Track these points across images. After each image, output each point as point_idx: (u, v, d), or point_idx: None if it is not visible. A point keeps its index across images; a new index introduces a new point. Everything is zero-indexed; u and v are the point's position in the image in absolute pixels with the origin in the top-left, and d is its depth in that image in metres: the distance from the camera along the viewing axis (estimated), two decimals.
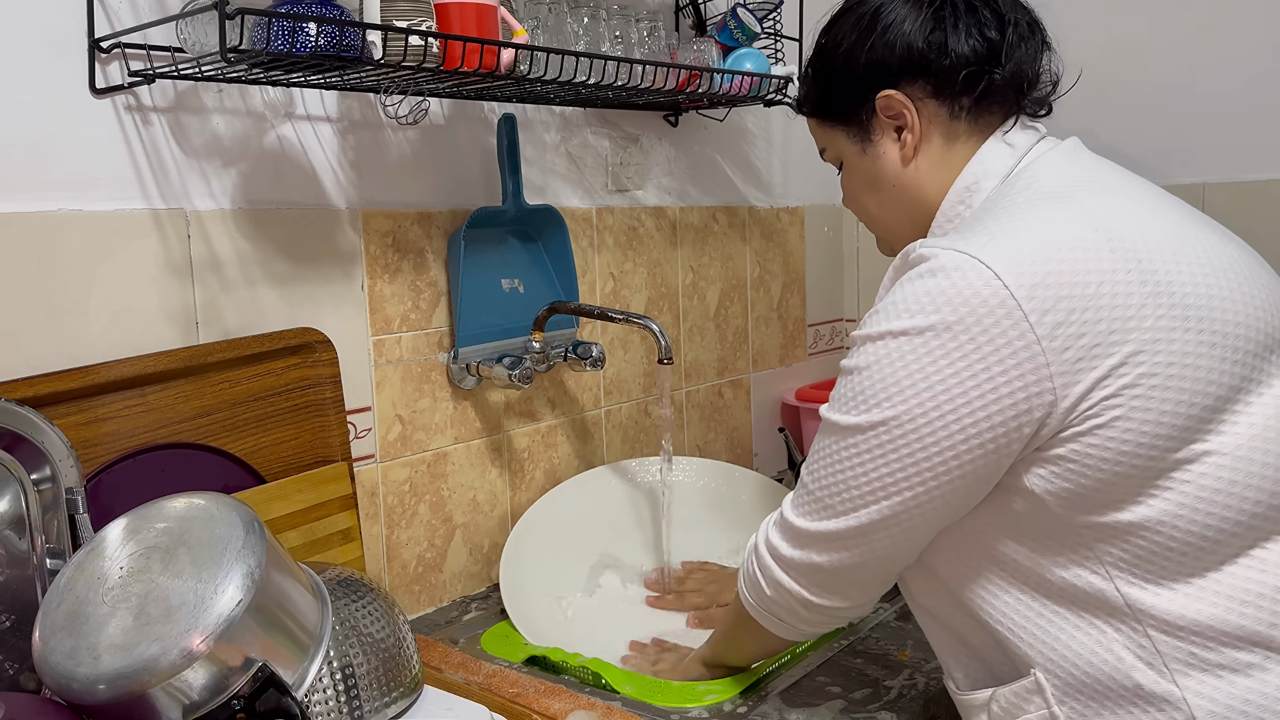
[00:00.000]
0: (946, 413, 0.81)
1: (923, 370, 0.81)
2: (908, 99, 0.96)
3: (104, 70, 1.08)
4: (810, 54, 1.07)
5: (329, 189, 1.28)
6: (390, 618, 0.99)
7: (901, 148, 0.98)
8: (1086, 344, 0.79)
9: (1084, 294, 0.79)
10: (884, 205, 1.03)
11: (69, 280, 1.06)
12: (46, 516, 0.94)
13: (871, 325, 0.86)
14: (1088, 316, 0.79)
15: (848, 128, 1.02)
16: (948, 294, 0.80)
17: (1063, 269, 0.80)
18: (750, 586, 1.01)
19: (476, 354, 1.43)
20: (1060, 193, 0.87)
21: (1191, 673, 0.81)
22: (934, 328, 0.81)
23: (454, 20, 1.13)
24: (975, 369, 0.79)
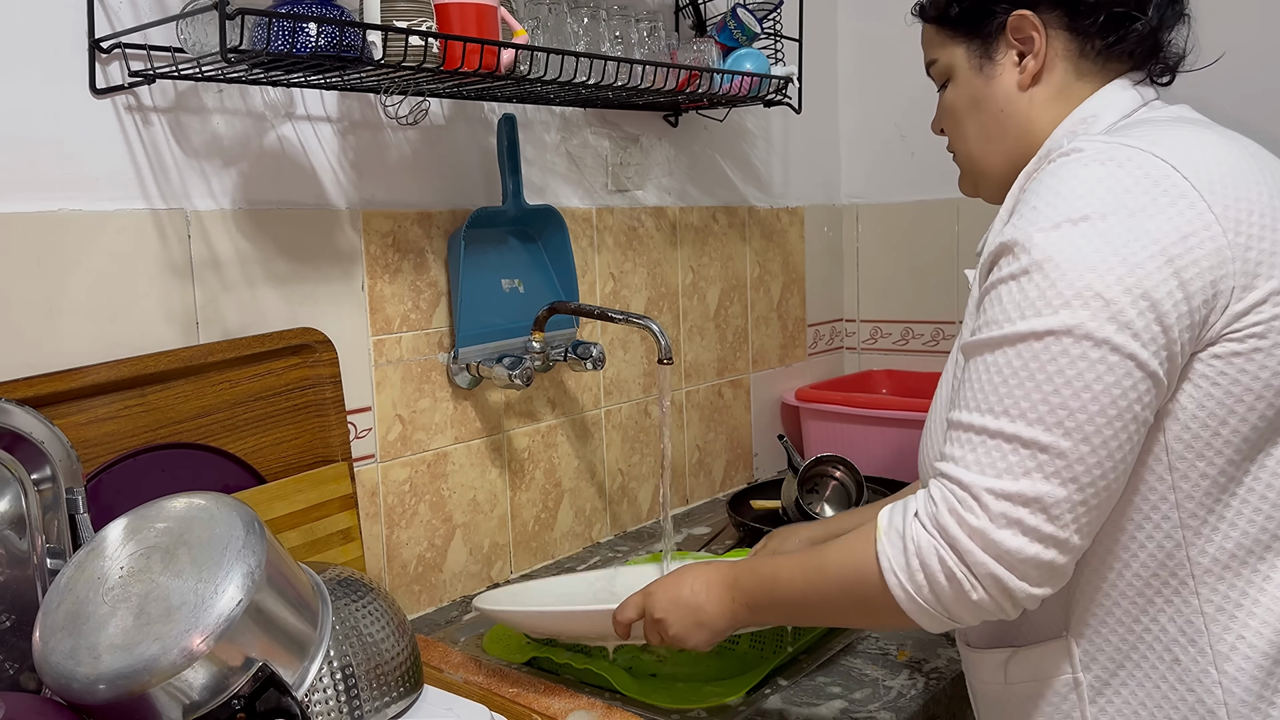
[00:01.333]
0: (1154, 299, 0.72)
1: (1116, 254, 0.73)
2: (1041, 24, 0.91)
3: (104, 70, 1.08)
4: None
5: (329, 189, 1.29)
6: (390, 618, 0.99)
7: (1021, 72, 0.93)
8: (1265, 250, 0.75)
9: (1251, 208, 0.76)
10: (984, 131, 0.97)
11: (69, 280, 1.06)
12: (46, 516, 0.94)
13: (1034, 219, 0.76)
14: (1255, 230, 0.75)
15: (969, 40, 0.96)
16: (1125, 181, 0.75)
17: (1235, 179, 0.77)
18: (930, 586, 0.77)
19: (476, 354, 1.43)
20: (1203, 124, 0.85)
21: (1234, 658, 0.78)
22: (1116, 211, 0.74)
23: (454, 20, 1.13)
24: (1169, 252, 0.73)
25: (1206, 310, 0.74)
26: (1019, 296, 0.75)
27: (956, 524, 0.75)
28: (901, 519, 0.80)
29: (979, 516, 0.74)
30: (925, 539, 0.77)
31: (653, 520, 1.78)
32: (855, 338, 2.25)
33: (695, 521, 1.77)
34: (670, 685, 1.16)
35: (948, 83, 1.00)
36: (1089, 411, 0.73)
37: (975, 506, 0.75)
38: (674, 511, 1.83)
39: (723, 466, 1.94)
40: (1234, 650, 0.79)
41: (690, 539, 1.68)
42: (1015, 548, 0.74)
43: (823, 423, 1.96)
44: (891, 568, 0.79)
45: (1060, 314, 0.73)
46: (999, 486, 0.74)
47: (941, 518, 0.76)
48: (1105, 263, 0.73)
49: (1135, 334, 0.73)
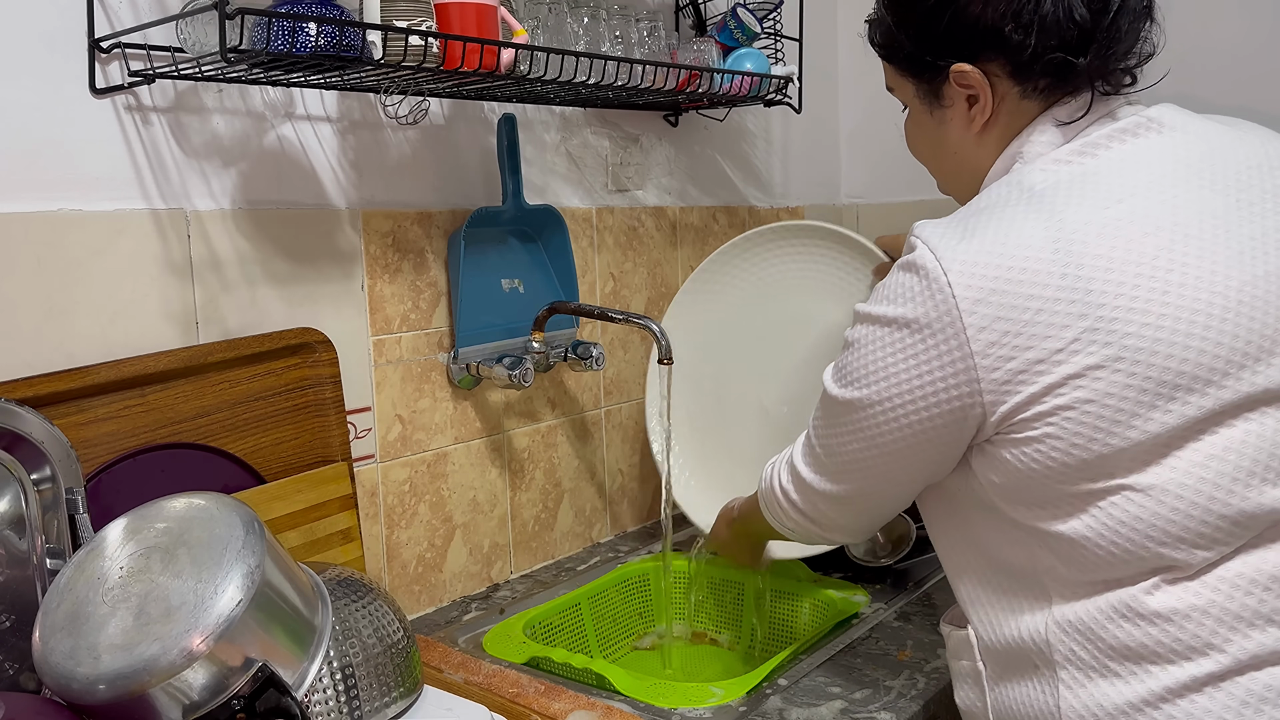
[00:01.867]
0: (896, 404, 0.87)
1: (882, 360, 0.87)
2: (985, 76, 0.92)
3: (104, 70, 1.08)
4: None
5: (329, 189, 1.28)
6: (390, 618, 0.99)
7: (970, 121, 0.95)
8: (1014, 368, 0.82)
9: (1021, 318, 0.81)
10: (942, 167, 1.04)
11: (69, 280, 1.06)
12: (46, 516, 0.94)
13: (868, 304, 0.90)
14: (1019, 343, 0.81)
15: (917, 83, 0.99)
16: (912, 292, 0.85)
17: (1009, 288, 0.81)
18: (768, 507, 1.10)
19: (476, 354, 1.43)
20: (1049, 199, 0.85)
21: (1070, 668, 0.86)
22: (897, 322, 0.86)
23: (454, 20, 1.13)
24: (922, 369, 0.85)
25: (955, 416, 0.86)
26: (841, 361, 0.93)
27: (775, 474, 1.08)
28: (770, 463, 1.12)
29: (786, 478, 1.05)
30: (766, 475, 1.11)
31: (653, 520, 1.78)
32: None
33: None
34: (670, 685, 1.16)
35: (905, 109, 1.05)
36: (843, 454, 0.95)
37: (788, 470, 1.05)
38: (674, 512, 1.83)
39: None
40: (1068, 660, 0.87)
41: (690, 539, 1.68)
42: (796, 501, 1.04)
43: None
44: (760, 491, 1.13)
45: (848, 390, 0.91)
46: (799, 466, 1.03)
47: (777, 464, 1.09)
48: (874, 367, 0.88)
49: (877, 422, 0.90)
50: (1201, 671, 0.81)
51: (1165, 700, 0.82)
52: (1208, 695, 0.81)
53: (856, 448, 0.93)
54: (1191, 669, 0.82)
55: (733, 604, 1.50)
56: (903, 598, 1.40)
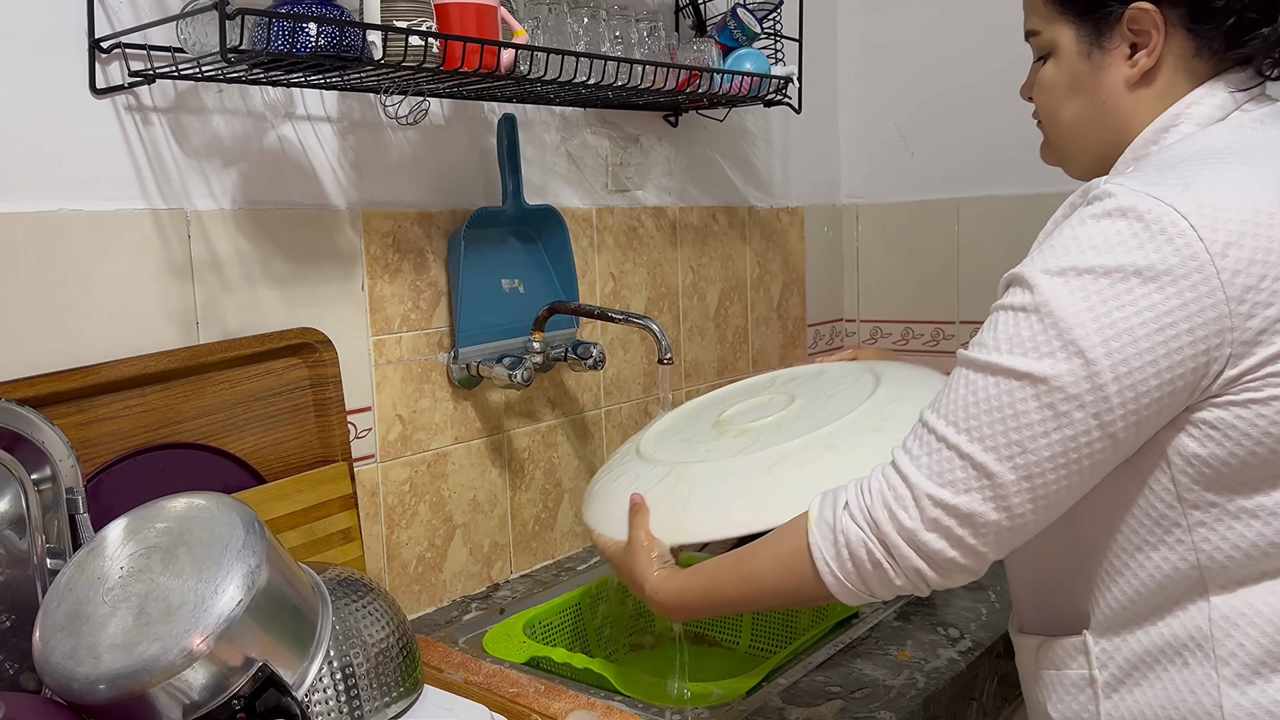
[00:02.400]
0: (1135, 369, 0.75)
1: (1110, 316, 0.75)
2: (1162, 20, 0.86)
3: (104, 70, 1.08)
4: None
5: (329, 189, 1.29)
6: (390, 618, 0.99)
7: (1131, 67, 0.89)
8: (1272, 315, 0.75)
9: (1276, 261, 0.75)
10: (1080, 118, 0.94)
11: (69, 280, 1.06)
12: (46, 516, 0.94)
13: (1048, 259, 0.79)
14: (1277, 287, 0.75)
15: (1081, 23, 0.91)
16: (1140, 237, 0.76)
17: (1259, 231, 0.75)
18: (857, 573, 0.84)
19: (476, 354, 1.43)
20: (1258, 156, 0.81)
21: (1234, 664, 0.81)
22: (1123, 270, 0.75)
23: (454, 20, 1.13)
24: (1164, 323, 0.75)
25: (1197, 376, 0.76)
26: (1014, 331, 0.79)
27: (889, 520, 0.82)
28: (832, 512, 0.86)
29: (912, 518, 0.81)
30: (855, 532, 0.83)
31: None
32: (855, 338, 2.25)
33: None
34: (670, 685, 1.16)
35: (1046, 56, 0.96)
36: (1039, 455, 0.78)
37: (912, 507, 0.81)
38: None
39: None
40: (1233, 656, 0.81)
41: None
42: (938, 550, 0.80)
43: None
44: (824, 558, 0.85)
45: (1044, 361, 0.77)
46: (940, 495, 0.80)
47: (875, 511, 0.83)
48: (1097, 322, 0.76)
49: (1105, 397, 0.76)
50: None
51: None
52: None
53: (1066, 436, 0.77)
54: None
55: None
56: (903, 597, 1.40)
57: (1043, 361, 0.77)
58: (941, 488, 0.79)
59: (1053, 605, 0.93)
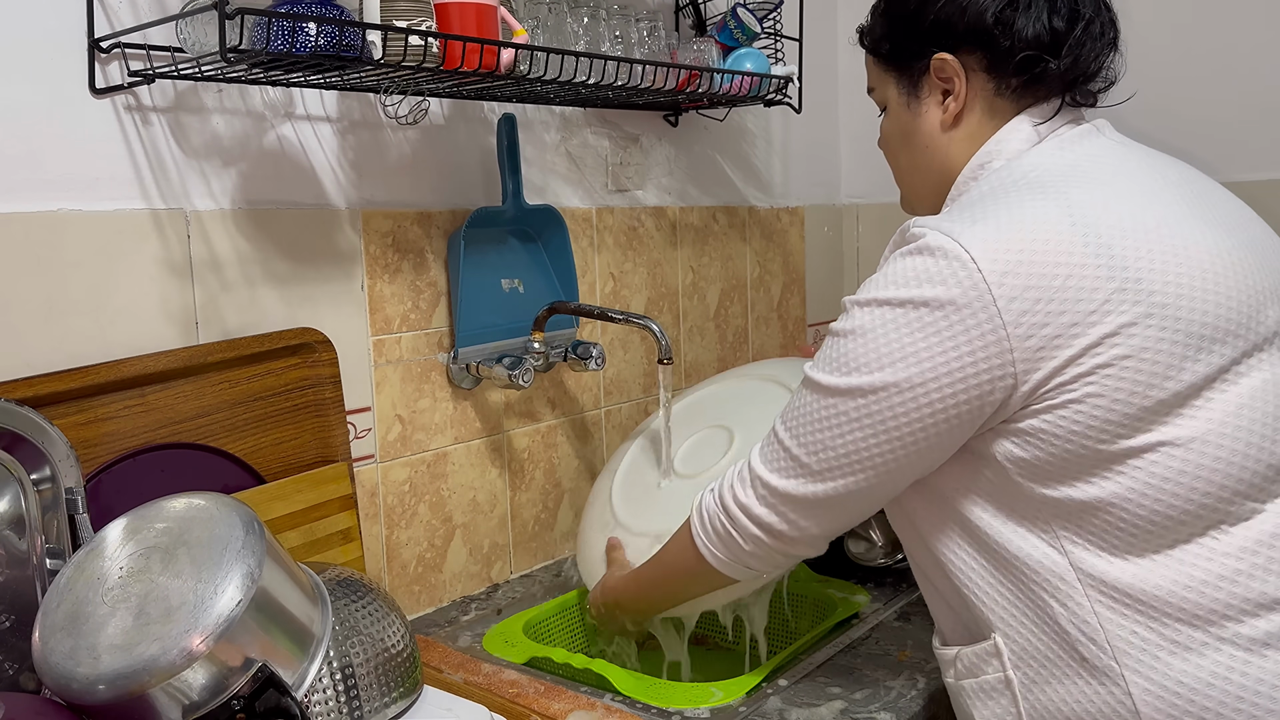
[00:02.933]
0: (917, 385, 0.86)
1: (900, 341, 0.86)
2: (961, 67, 0.97)
3: (104, 70, 1.08)
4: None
5: (329, 189, 1.28)
6: (390, 618, 0.99)
7: (943, 112, 1.00)
8: (1049, 334, 0.83)
9: (1050, 285, 0.83)
10: (913, 163, 1.05)
11: (69, 280, 1.06)
12: (46, 516, 0.94)
13: (864, 292, 0.91)
14: (1052, 308, 0.83)
15: (899, 76, 1.03)
16: (931, 273, 0.85)
17: (1034, 259, 0.83)
18: (719, 542, 1.04)
19: (476, 354, 1.43)
20: (1049, 183, 0.90)
21: (1132, 651, 0.85)
22: (913, 301, 0.86)
23: (454, 20, 1.13)
24: (946, 346, 0.85)
25: (983, 392, 0.85)
26: (833, 353, 0.92)
27: (732, 497, 1.01)
28: (699, 497, 1.07)
29: (747, 495, 1.00)
30: (711, 507, 1.05)
31: None
32: None
33: None
34: (670, 685, 1.16)
35: (883, 111, 1.08)
36: (837, 451, 0.92)
37: (749, 486, 1.00)
38: None
39: None
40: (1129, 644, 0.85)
41: None
42: (770, 521, 0.98)
43: None
44: (696, 532, 1.06)
45: (848, 377, 0.90)
46: (767, 478, 0.98)
47: (724, 491, 1.03)
48: (889, 346, 0.87)
49: (891, 407, 0.88)
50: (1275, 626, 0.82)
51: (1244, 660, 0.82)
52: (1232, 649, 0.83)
53: (857, 439, 0.90)
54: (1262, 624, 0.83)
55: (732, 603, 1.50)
56: (903, 598, 1.40)
57: (848, 377, 0.90)
58: (770, 473, 0.97)
59: (960, 617, 0.98)
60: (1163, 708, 0.84)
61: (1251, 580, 0.83)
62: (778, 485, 0.96)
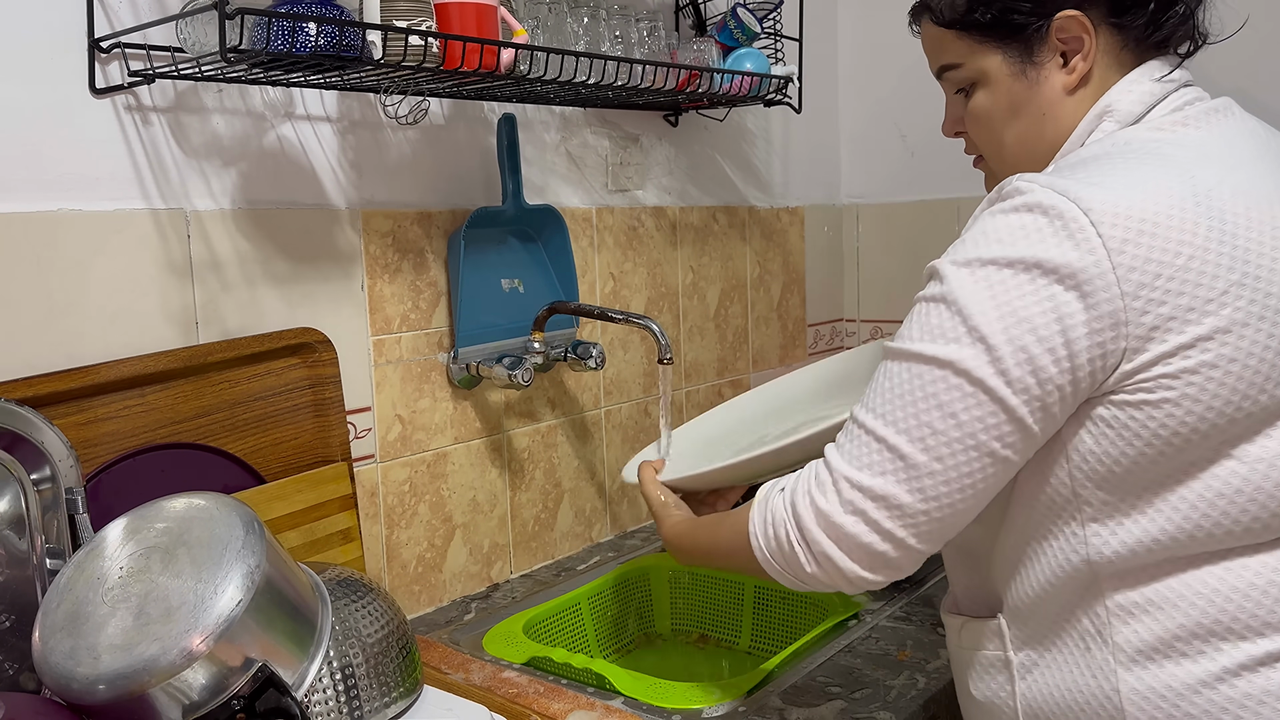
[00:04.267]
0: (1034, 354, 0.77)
1: (1010, 304, 0.78)
2: (1090, 23, 0.88)
3: (104, 70, 1.08)
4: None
5: (329, 189, 1.28)
6: (390, 618, 0.99)
7: (1069, 74, 0.90)
8: (1165, 313, 0.76)
9: (1173, 262, 0.76)
10: (1024, 137, 0.94)
11: (69, 280, 1.06)
12: (46, 516, 0.94)
13: (958, 252, 0.82)
14: (1171, 286, 0.76)
15: (1006, 45, 0.92)
16: (1043, 231, 0.78)
17: (1157, 230, 0.77)
18: (779, 555, 0.88)
19: (476, 354, 1.43)
20: (1172, 156, 0.83)
21: (1129, 649, 0.84)
22: (1023, 262, 0.78)
23: (454, 20, 1.13)
24: (1060, 312, 0.77)
25: (1092, 367, 0.78)
26: (926, 320, 0.82)
27: (808, 503, 0.85)
28: (769, 492, 0.92)
29: (829, 500, 0.83)
30: (780, 512, 0.88)
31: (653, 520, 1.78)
32: (855, 338, 2.25)
33: None
34: (670, 685, 1.16)
35: (971, 88, 0.96)
36: (949, 436, 0.80)
37: (831, 490, 0.84)
38: None
39: None
40: (1128, 643, 0.84)
41: None
42: (854, 533, 0.82)
43: None
44: (755, 532, 0.91)
45: (950, 347, 0.79)
46: (856, 477, 0.82)
47: (797, 496, 0.86)
48: (998, 310, 0.78)
49: (1009, 382, 0.78)
50: (1275, 647, 0.80)
51: (1232, 676, 0.81)
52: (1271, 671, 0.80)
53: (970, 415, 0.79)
54: (1265, 645, 0.81)
55: (733, 604, 1.50)
56: (903, 597, 1.40)
57: (949, 346, 0.79)
58: (858, 470, 0.82)
59: (977, 587, 0.96)
60: (1147, 709, 0.83)
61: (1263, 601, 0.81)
62: (871, 484, 0.81)
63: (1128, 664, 0.84)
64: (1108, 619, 0.85)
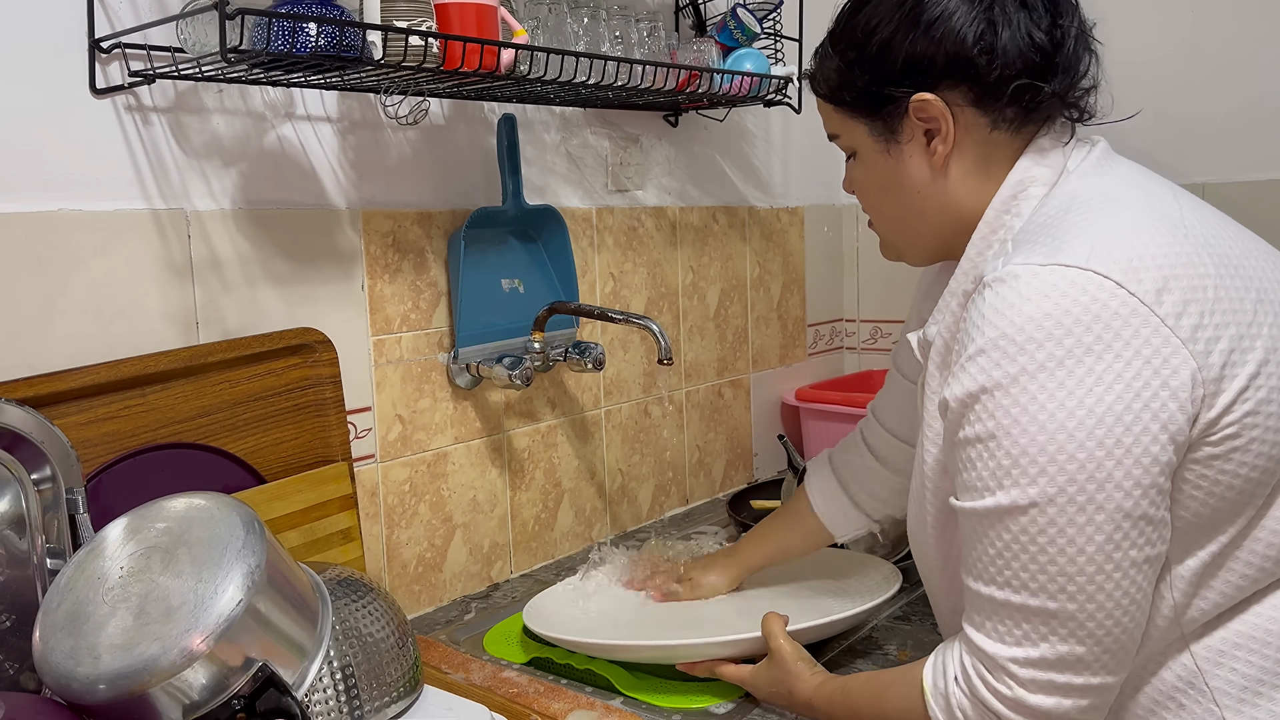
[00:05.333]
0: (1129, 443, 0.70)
1: (1081, 403, 0.70)
2: (946, 106, 0.86)
3: (104, 70, 1.08)
4: (832, 29, 0.97)
5: (329, 189, 1.29)
6: (390, 618, 0.99)
7: (931, 155, 0.89)
8: (1225, 348, 0.72)
9: (1204, 297, 0.72)
10: (901, 210, 0.94)
11: (69, 280, 1.06)
12: (46, 516, 0.94)
13: (990, 371, 0.74)
14: (1216, 320, 0.72)
15: (870, 122, 0.92)
16: (1073, 312, 0.71)
17: (1177, 271, 0.73)
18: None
19: (476, 354, 1.43)
20: (1121, 197, 0.81)
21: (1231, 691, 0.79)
22: (1072, 354, 0.70)
23: (454, 20, 1.13)
24: (1134, 386, 0.70)
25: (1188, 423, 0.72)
26: (992, 465, 0.74)
27: (994, 697, 0.78)
28: (944, 682, 0.83)
29: (1012, 688, 0.77)
30: (969, 708, 0.80)
31: (653, 520, 1.78)
32: (855, 338, 2.25)
33: (695, 521, 1.77)
34: (671, 685, 1.16)
35: (851, 157, 0.97)
36: (1087, 573, 0.73)
37: (1005, 678, 0.77)
38: (674, 511, 1.84)
39: (723, 466, 1.94)
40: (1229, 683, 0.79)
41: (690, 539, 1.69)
42: (1051, 707, 0.76)
43: (823, 423, 1.96)
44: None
45: (1038, 483, 0.72)
46: (1021, 655, 0.76)
47: (978, 691, 0.79)
48: (1073, 418, 0.70)
49: (1117, 484, 0.71)
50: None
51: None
52: None
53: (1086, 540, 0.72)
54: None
55: None
56: (903, 597, 1.40)
57: (1037, 484, 0.72)
58: (1018, 647, 0.76)
59: None
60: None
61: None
62: (1047, 655, 0.75)
63: (1234, 706, 0.78)
64: (1198, 667, 0.79)
